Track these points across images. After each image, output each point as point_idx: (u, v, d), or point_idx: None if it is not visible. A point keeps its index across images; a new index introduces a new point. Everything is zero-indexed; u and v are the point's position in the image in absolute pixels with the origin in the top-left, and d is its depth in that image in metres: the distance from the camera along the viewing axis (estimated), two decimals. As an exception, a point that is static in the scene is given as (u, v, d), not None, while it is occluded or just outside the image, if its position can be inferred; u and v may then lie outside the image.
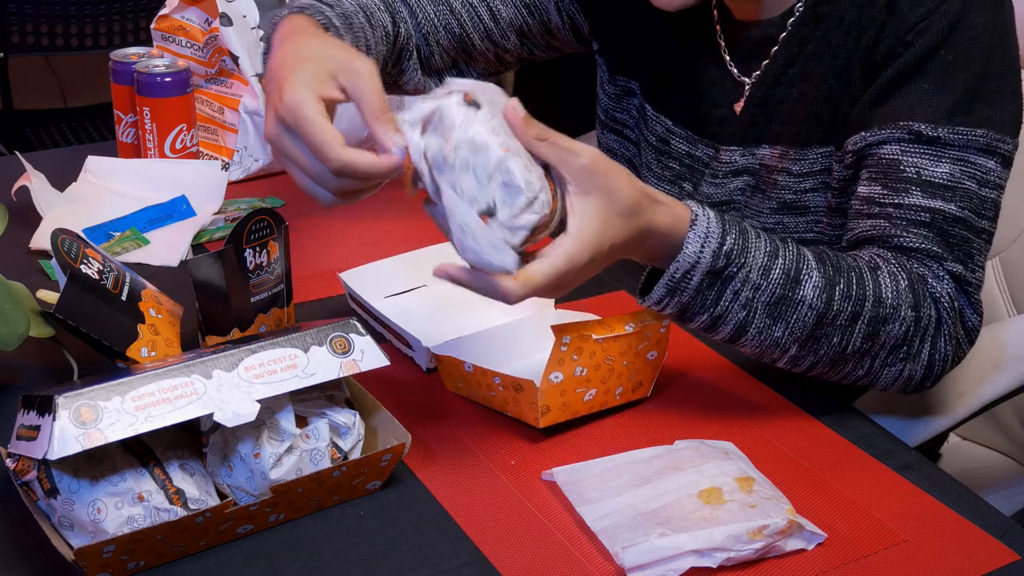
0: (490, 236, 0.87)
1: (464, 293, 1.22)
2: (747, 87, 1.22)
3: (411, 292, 1.22)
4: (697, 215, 0.98)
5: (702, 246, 0.97)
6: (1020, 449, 1.42)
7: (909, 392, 1.09)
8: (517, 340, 1.10)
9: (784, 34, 1.19)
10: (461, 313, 1.18)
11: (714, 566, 0.86)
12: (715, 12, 1.24)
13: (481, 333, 1.10)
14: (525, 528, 0.91)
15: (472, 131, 0.86)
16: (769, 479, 0.95)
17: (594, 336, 0.98)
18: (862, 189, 1.12)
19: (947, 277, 1.07)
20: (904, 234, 1.08)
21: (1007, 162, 1.10)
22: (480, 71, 1.37)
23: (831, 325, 1.02)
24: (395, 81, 1.32)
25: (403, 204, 1.50)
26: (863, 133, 1.11)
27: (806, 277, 1.01)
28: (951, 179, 1.07)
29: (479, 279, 0.89)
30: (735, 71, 1.23)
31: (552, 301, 1.16)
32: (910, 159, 1.08)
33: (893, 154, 1.09)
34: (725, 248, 0.98)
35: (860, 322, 1.02)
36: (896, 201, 1.08)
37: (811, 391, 1.11)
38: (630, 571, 0.85)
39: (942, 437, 1.33)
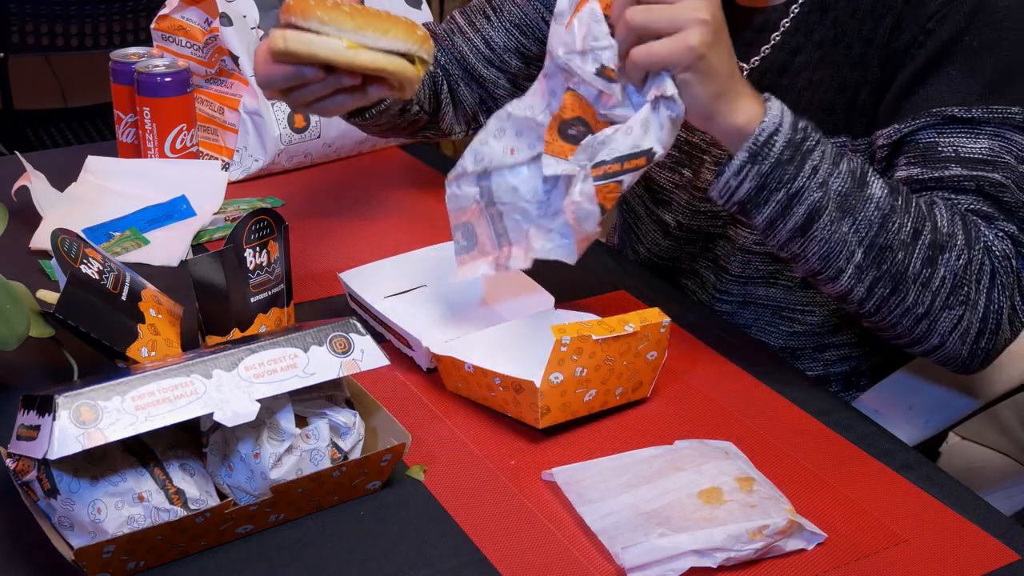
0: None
1: (463, 294, 1.22)
2: (744, 73, 1.22)
3: (411, 292, 1.22)
4: (769, 95, 1.02)
5: (782, 112, 1.01)
6: (1020, 449, 1.42)
7: (966, 354, 1.06)
8: (517, 340, 1.10)
9: (787, 20, 1.18)
10: (461, 313, 1.18)
11: (714, 566, 0.86)
12: None
13: (481, 333, 1.10)
14: (525, 528, 0.91)
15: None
16: (769, 479, 0.95)
17: (594, 336, 0.98)
18: (900, 174, 1.11)
19: (1001, 234, 1.06)
20: (952, 198, 1.07)
21: None
22: (503, 96, 1.39)
23: (895, 236, 1.02)
24: (434, 117, 1.38)
25: (403, 204, 1.50)
26: (896, 125, 1.11)
27: (873, 178, 1.03)
28: (991, 153, 1.06)
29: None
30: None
31: (552, 301, 1.16)
32: (947, 139, 1.08)
33: (929, 138, 1.09)
34: (801, 123, 1.01)
35: (921, 241, 1.02)
36: (937, 175, 1.08)
37: (811, 391, 1.11)
38: (630, 571, 0.85)
39: (942, 437, 1.34)
